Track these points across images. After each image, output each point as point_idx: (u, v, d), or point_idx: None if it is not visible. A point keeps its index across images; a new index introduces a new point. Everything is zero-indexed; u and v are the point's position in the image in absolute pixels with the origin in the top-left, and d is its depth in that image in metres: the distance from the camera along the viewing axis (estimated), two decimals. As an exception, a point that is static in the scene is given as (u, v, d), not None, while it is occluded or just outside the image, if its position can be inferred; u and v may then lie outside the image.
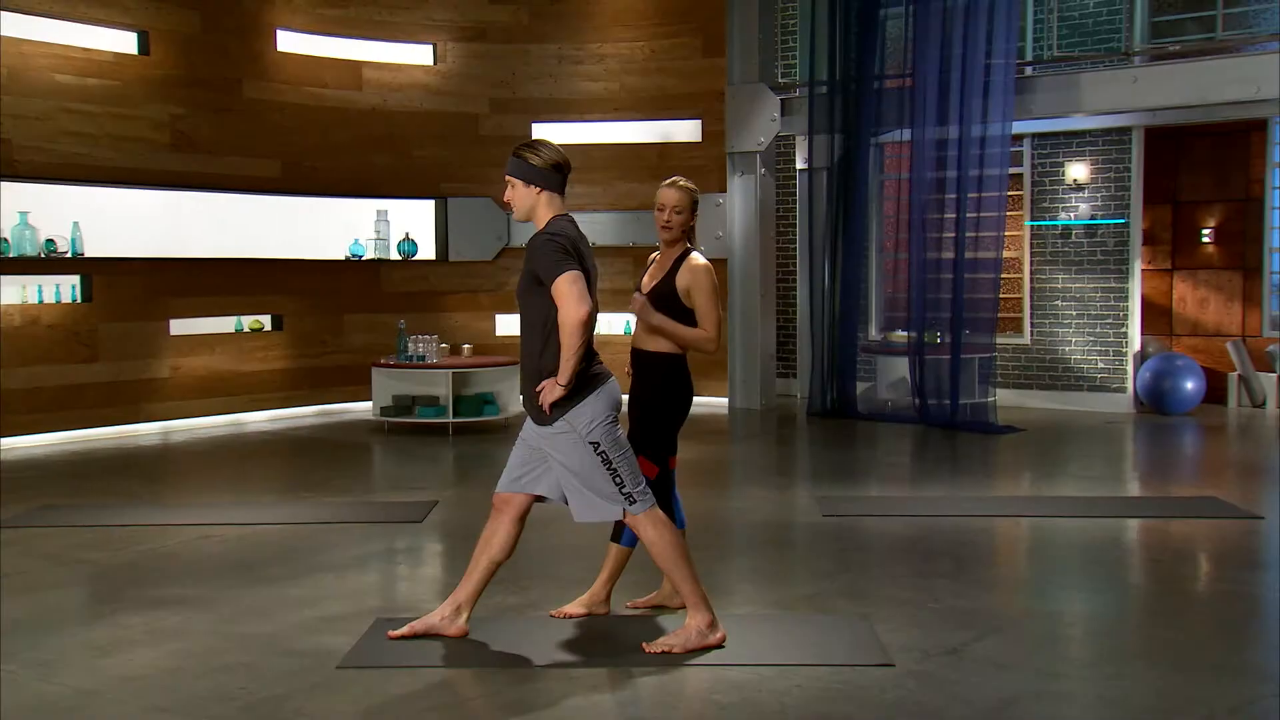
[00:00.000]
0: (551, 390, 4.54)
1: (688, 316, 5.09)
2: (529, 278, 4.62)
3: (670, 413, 5.17)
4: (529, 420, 4.80)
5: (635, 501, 4.68)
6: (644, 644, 4.76)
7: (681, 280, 5.08)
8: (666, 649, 4.70)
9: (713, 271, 5.14)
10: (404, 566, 6.54)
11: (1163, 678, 4.49)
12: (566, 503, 4.83)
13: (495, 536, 4.86)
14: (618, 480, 4.64)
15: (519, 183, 4.69)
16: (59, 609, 5.57)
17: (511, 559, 6.04)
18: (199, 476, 9.49)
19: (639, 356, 5.21)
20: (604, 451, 4.62)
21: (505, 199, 4.76)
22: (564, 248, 4.54)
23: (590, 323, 4.49)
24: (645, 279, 5.25)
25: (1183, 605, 5.65)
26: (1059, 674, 4.55)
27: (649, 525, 4.72)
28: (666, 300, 5.09)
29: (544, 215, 4.69)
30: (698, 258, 5.12)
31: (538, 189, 4.68)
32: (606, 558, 5.26)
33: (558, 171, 4.70)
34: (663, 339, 5.12)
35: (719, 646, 4.75)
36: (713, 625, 4.75)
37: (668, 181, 5.18)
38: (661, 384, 5.15)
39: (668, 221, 5.12)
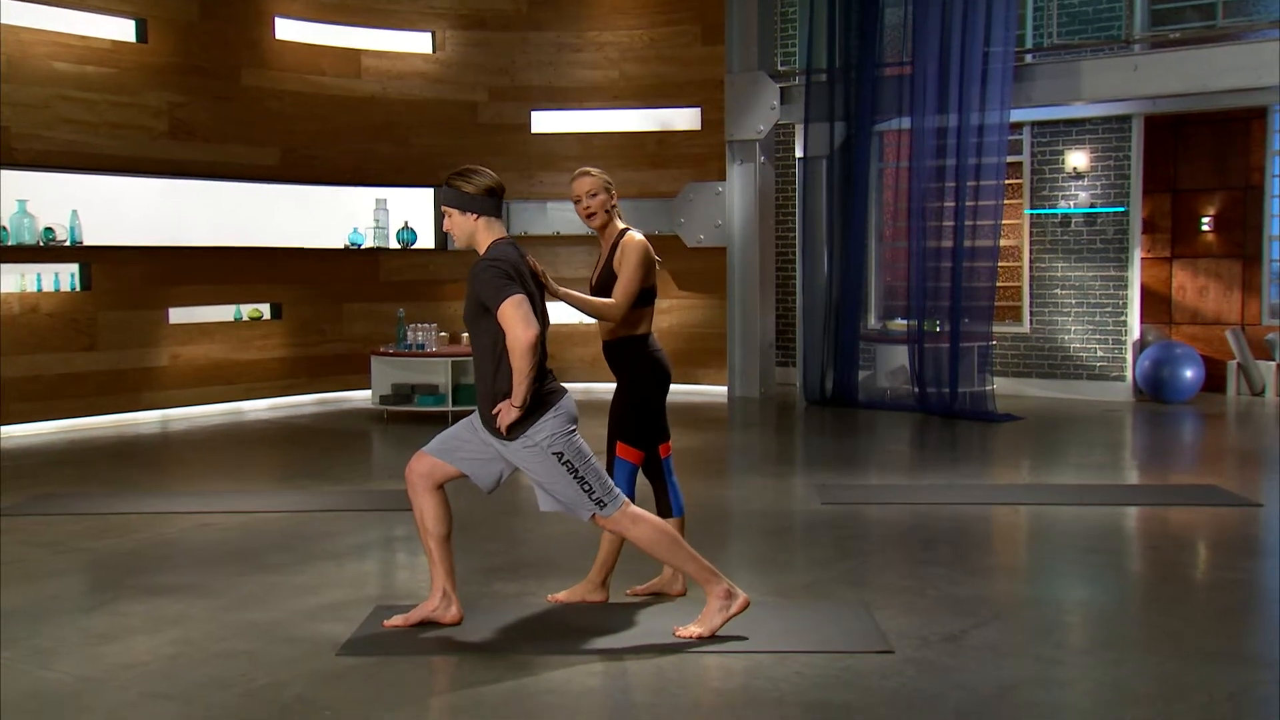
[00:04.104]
0: (508, 413, 4.57)
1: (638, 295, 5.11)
2: (475, 305, 4.65)
3: (645, 395, 5.17)
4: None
5: (605, 505, 4.70)
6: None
7: (617, 261, 5.11)
8: (694, 635, 4.71)
9: (645, 246, 5.12)
10: (403, 554, 6.54)
11: (1161, 664, 4.50)
12: (490, 492, 4.91)
13: (425, 517, 4.86)
14: (586, 487, 4.66)
15: (455, 211, 4.71)
16: (58, 597, 5.57)
17: (510, 546, 6.04)
18: (198, 464, 9.49)
19: (605, 349, 5.25)
20: (568, 460, 4.63)
21: (445, 229, 4.79)
22: (506, 273, 4.56)
23: (538, 344, 4.50)
24: (593, 273, 5.28)
25: (1181, 592, 5.66)
26: (1058, 661, 4.55)
27: (629, 525, 4.73)
28: (611, 286, 5.10)
29: (484, 240, 4.71)
30: (632, 235, 5.14)
31: (474, 215, 4.69)
32: (601, 545, 5.27)
33: (492, 196, 4.71)
34: (617, 327, 5.15)
35: (744, 610, 4.75)
36: (729, 594, 4.75)
37: (575, 174, 5.20)
38: (629, 368, 5.18)
39: (587, 208, 5.15)
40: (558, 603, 5.26)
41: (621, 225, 5.21)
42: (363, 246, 12.86)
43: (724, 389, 13.10)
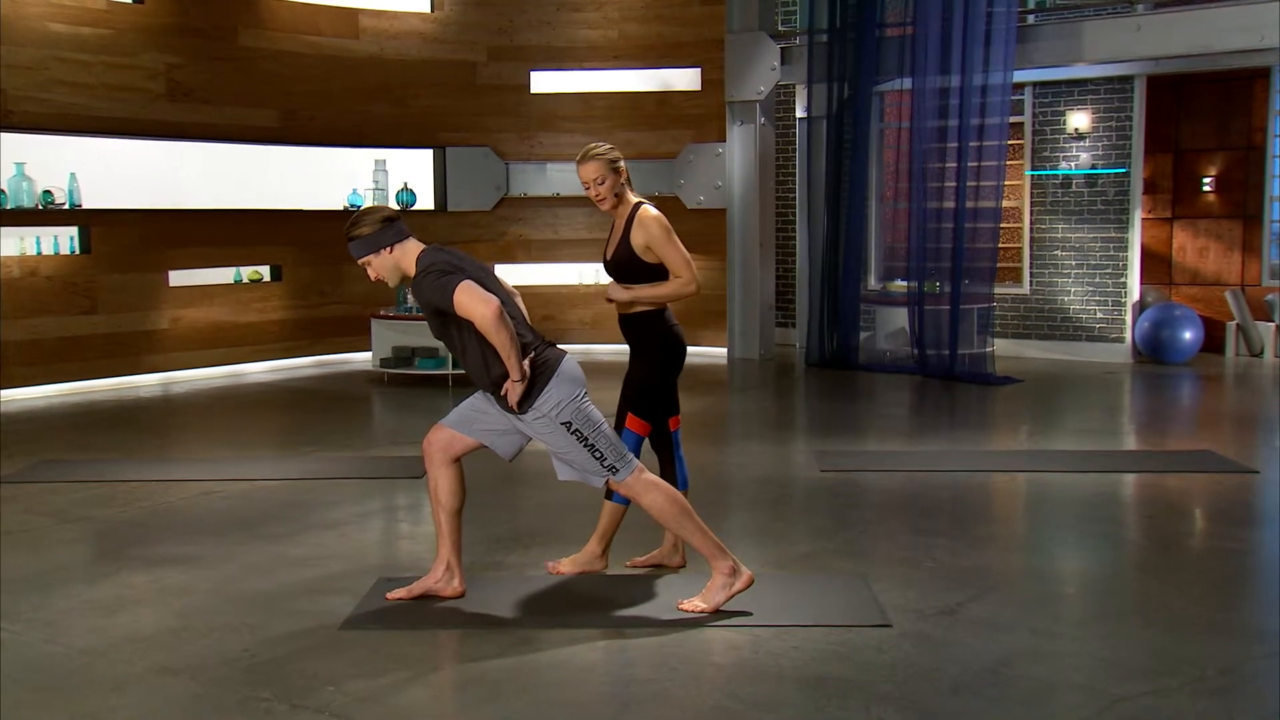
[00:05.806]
0: (514, 390, 4.61)
1: (656, 270, 5.11)
2: (434, 316, 4.69)
3: (661, 370, 5.20)
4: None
5: (618, 470, 4.74)
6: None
7: (636, 238, 5.09)
8: (697, 609, 4.75)
9: (662, 218, 5.13)
10: (405, 524, 6.58)
11: (1156, 637, 4.54)
12: (511, 460, 4.96)
13: (439, 490, 4.89)
14: (597, 454, 4.70)
15: (371, 257, 4.70)
16: (63, 567, 5.60)
17: (512, 515, 6.07)
18: (200, 429, 9.53)
19: (623, 322, 5.26)
20: (578, 430, 4.68)
21: (373, 279, 4.77)
22: (442, 271, 4.59)
23: (503, 314, 4.51)
24: (607, 248, 5.27)
25: (1177, 562, 5.69)
26: (1053, 634, 4.59)
27: (642, 491, 4.77)
28: (630, 263, 5.11)
29: (409, 263, 4.72)
30: (646, 210, 5.12)
31: (388, 249, 4.69)
32: (601, 515, 5.31)
33: (391, 223, 4.71)
34: (638, 302, 5.16)
35: (748, 588, 4.80)
36: (734, 571, 4.79)
37: (578, 157, 5.16)
38: (648, 344, 5.20)
39: (597, 195, 5.13)
40: (558, 573, 5.30)
41: (634, 199, 5.18)
42: (362, 208, 12.80)
43: (724, 350, 13.12)
